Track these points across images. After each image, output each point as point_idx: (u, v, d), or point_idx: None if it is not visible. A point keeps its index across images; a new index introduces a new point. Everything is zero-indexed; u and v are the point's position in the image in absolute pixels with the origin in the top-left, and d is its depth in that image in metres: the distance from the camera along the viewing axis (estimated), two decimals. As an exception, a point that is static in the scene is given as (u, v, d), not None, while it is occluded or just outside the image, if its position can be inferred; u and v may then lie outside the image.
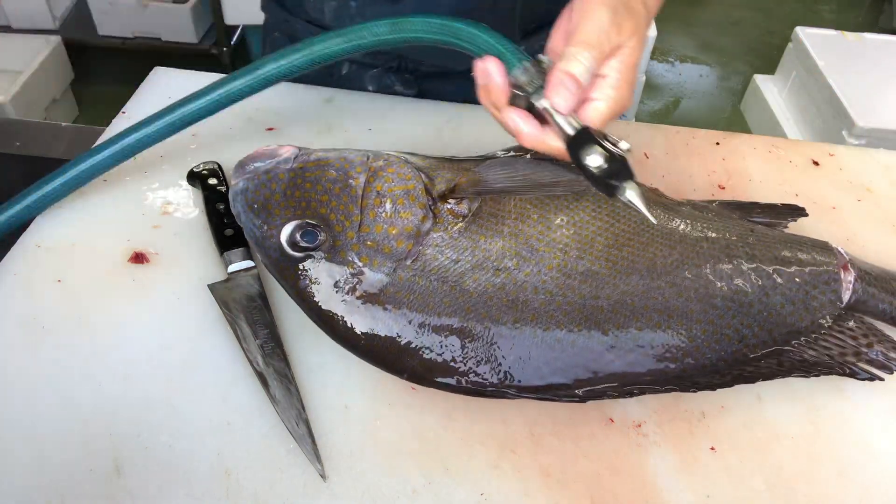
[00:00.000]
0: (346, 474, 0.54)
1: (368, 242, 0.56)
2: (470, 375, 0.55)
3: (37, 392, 0.57)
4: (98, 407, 0.56)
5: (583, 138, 0.50)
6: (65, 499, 0.51)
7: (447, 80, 0.89)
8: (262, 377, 0.57)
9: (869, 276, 0.63)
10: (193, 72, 0.89)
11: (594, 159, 0.49)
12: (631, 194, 0.49)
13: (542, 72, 0.52)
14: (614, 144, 0.50)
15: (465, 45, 0.57)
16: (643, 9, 0.56)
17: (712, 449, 0.57)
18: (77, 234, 0.68)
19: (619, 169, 0.49)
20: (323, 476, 0.53)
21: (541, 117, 0.53)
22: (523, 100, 0.53)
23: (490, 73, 0.53)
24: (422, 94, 0.90)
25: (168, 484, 0.52)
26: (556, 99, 0.50)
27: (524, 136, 0.53)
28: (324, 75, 0.89)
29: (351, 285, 0.55)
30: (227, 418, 0.56)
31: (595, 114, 0.52)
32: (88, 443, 0.54)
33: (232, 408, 0.57)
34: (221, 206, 0.69)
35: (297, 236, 0.55)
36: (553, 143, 0.52)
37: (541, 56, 0.54)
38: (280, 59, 0.64)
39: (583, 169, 0.50)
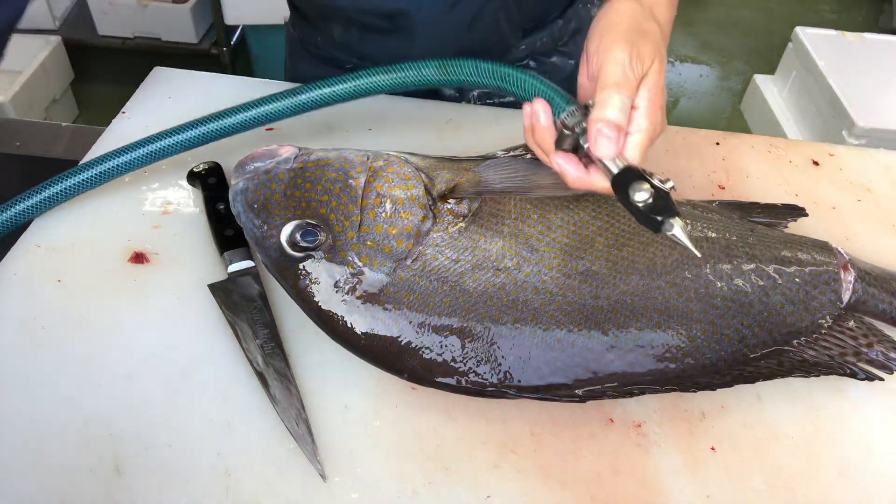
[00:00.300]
0: (346, 474, 0.54)
1: (368, 242, 0.56)
2: (470, 375, 0.55)
3: (37, 392, 0.57)
4: (98, 407, 0.56)
5: (628, 176, 0.51)
6: (65, 499, 0.51)
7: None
8: (262, 377, 0.57)
9: (869, 277, 0.63)
10: (193, 72, 0.89)
11: (640, 195, 0.50)
12: (676, 230, 0.50)
13: (588, 114, 0.54)
14: (661, 182, 0.51)
15: (513, 90, 0.59)
16: (656, 26, 0.56)
17: (712, 449, 0.57)
18: (77, 234, 0.68)
19: (663, 205, 0.50)
20: (323, 476, 0.53)
21: (587, 156, 0.54)
22: (570, 140, 0.54)
23: (538, 114, 0.55)
24: (430, 94, 0.90)
25: (168, 484, 0.52)
26: (599, 150, 0.51)
27: (570, 178, 0.54)
28: None
29: (351, 285, 0.55)
30: (227, 418, 0.56)
31: (634, 149, 0.53)
32: (88, 443, 0.54)
33: (232, 408, 0.57)
34: (221, 206, 0.69)
35: (297, 236, 0.55)
36: (599, 184, 0.53)
37: (589, 101, 0.55)
38: (324, 87, 0.65)
39: (628, 205, 0.51)
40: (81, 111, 2.36)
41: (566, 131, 0.54)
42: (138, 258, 0.67)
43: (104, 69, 2.46)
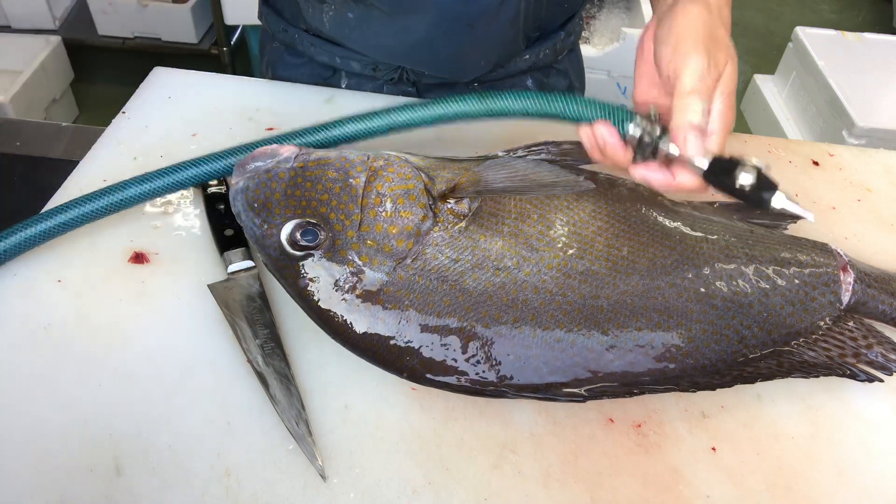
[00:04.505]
0: (346, 474, 0.54)
1: (369, 241, 0.56)
2: (470, 374, 0.55)
3: (37, 392, 0.57)
4: (98, 407, 0.56)
5: (723, 165, 0.54)
6: (65, 499, 0.51)
7: (450, 91, 0.88)
8: (262, 377, 0.57)
9: (868, 278, 0.63)
10: (193, 72, 0.89)
11: (745, 178, 0.53)
12: (784, 200, 0.53)
13: (655, 120, 0.57)
14: (754, 162, 0.54)
15: (564, 115, 0.61)
16: (725, 31, 0.60)
17: (713, 449, 0.57)
18: (77, 234, 0.68)
19: (765, 182, 0.53)
20: (323, 476, 0.53)
21: (666, 159, 0.57)
22: (644, 148, 0.57)
23: (604, 135, 0.58)
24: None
25: (168, 484, 0.52)
26: (688, 149, 0.54)
27: (656, 185, 0.57)
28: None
29: (351, 284, 0.55)
30: (227, 418, 0.56)
31: (714, 147, 0.56)
32: (88, 443, 0.54)
33: (232, 408, 0.57)
34: (222, 206, 0.69)
35: (298, 235, 0.55)
36: (687, 183, 0.56)
37: (650, 108, 0.59)
38: (357, 123, 0.66)
39: (730, 190, 0.54)
40: (81, 111, 2.36)
41: (644, 139, 0.57)
42: (138, 258, 0.67)
43: (104, 69, 2.46)
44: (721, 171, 0.54)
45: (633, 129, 0.57)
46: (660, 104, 0.59)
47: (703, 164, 0.54)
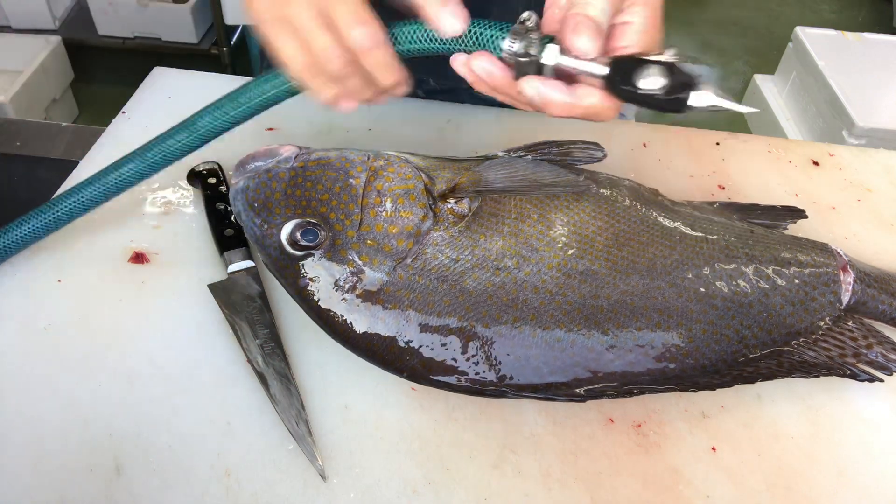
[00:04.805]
0: (346, 474, 0.54)
1: (368, 241, 0.56)
2: (470, 374, 0.55)
3: (37, 392, 0.57)
4: (98, 407, 0.56)
5: (624, 67, 0.43)
6: (65, 499, 0.51)
7: (452, 97, 0.88)
8: (262, 377, 0.57)
9: (868, 278, 0.63)
10: (193, 72, 0.89)
11: (653, 81, 0.42)
12: (707, 98, 0.43)
13: (536, 30, 0.46)
14: (662, 57, 0.43)
15: (429, 48, 0.52)
16: None
17: (713, 449, 0.57)
18: (77, 234, 0.68)
19: (683, 79, 0.43)
20: (323, 476, 0.53)
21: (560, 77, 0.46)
22: (526, 66, 0.46)
23: (478, 70, 0.48)
24: (430, 93, 0.89)
25: (168, 484, 0.52)
26: (578, 43, 0.44)
27: (554, 103, 0.47)
28: None
29: (351, 284, 0.55)
30: (227, 418, 0.56)
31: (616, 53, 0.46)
32: (88, 443, 0.54)
33: (232, 408, 0.57)
34: (221, 206, 0.69)
35: (298, 235, 0.55)
36: (587, 100, 0.46)
37: (522, 15, 0.47)
38: (215, 112, 0.61)
39: (641, 100, 0.43)
40: (81, 111, 2.37)
41: (521, 59, 0.46)
42: (138, 258, 0.67)
43: (104, 69, 2.46)
44: (626, 75, 0.43)
45: (510, 45, 0.46)
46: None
47: (604, 70, 0.43)
